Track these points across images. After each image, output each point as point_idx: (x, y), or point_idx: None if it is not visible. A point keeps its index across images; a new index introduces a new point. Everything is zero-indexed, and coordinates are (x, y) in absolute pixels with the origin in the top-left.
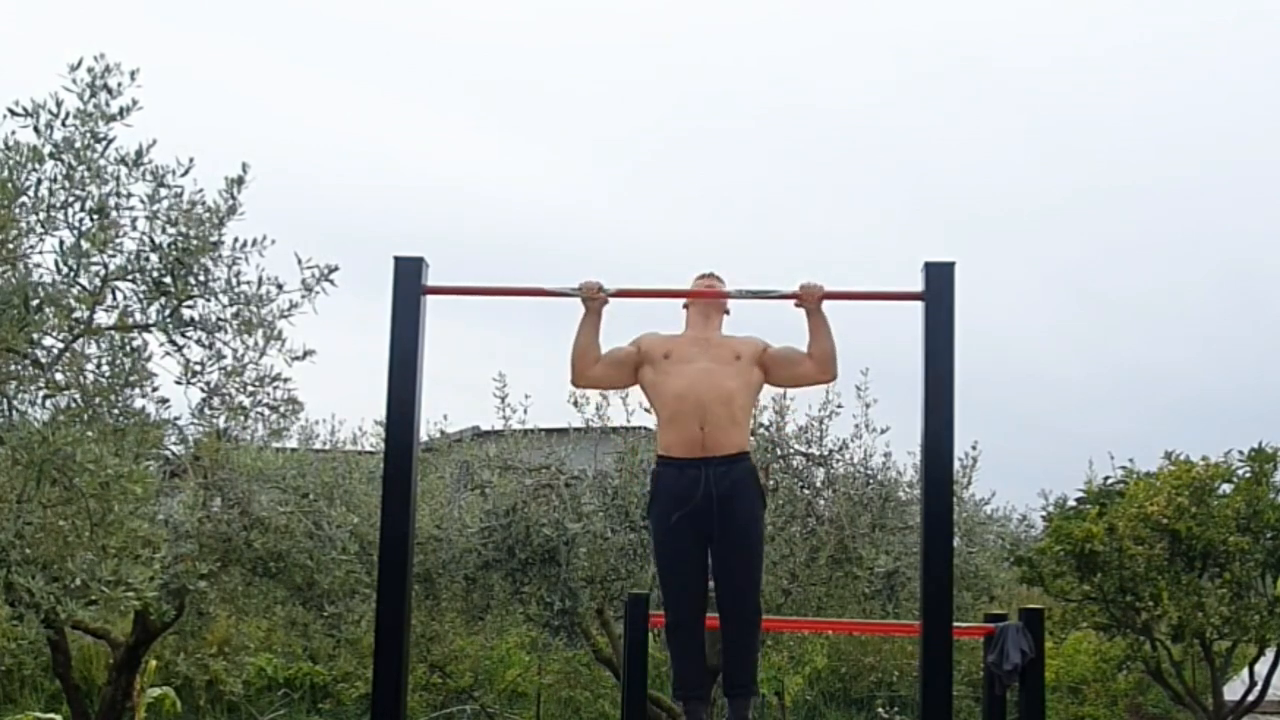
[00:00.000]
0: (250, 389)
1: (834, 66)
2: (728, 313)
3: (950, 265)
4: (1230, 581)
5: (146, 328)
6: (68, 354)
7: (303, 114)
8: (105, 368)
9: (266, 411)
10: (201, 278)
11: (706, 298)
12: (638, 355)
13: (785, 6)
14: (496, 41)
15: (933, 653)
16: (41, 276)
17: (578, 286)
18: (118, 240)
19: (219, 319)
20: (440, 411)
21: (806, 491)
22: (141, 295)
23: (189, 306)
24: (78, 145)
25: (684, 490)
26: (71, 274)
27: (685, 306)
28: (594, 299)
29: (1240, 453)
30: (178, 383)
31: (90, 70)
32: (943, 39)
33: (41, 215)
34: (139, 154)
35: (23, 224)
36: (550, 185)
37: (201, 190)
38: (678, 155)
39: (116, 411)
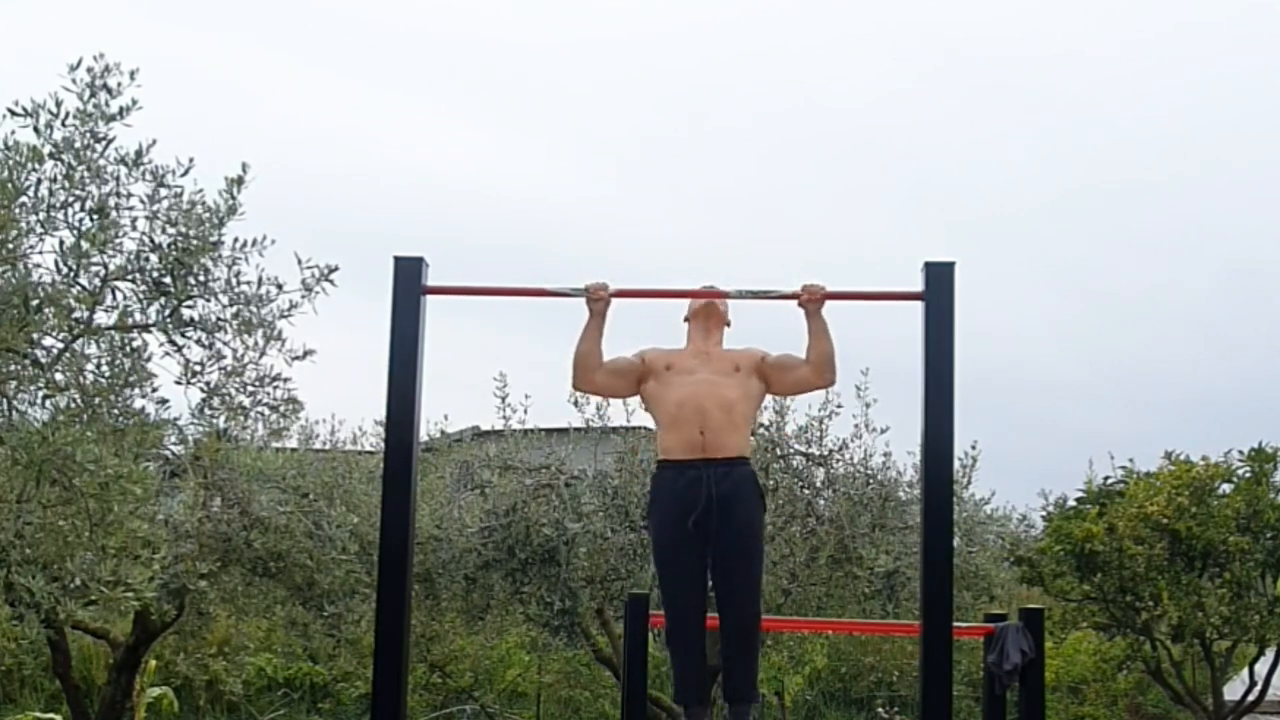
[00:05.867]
0: (250, 389)
1: (833, 65)
2: (728, 324)
3: (950, 265)
4: (1230, 581)
5: (146, 328)
6: (68, 354)
7: (302, 113)
8: (105, 368)
9: (266, 411)
10: (201, 278)
11: (706, 297)
12: (641, 367)
13: (785, 5)
14: (496, 40)
15: (933, 653)
16: (41, 276)
17: (583, 287)
18: (118, 240)
19: (219, 319)
20: (440, 411)
21: (806, 491)
22: (141, 295)
23: (189, 306)
24: (78, 145)
25: (684, 491)
26: (71, 274)
27: (686, 320)
28: (598, 299)
29: (1240, 453)
30: (178, 383)
31: (90, 70)
32: (941, 37)
33: (41, 215)
34: (139, 154)
35: (23, 224)
36: (550, 184)
37: (201, 190)
38: (677, 155)
39: (116, 411)
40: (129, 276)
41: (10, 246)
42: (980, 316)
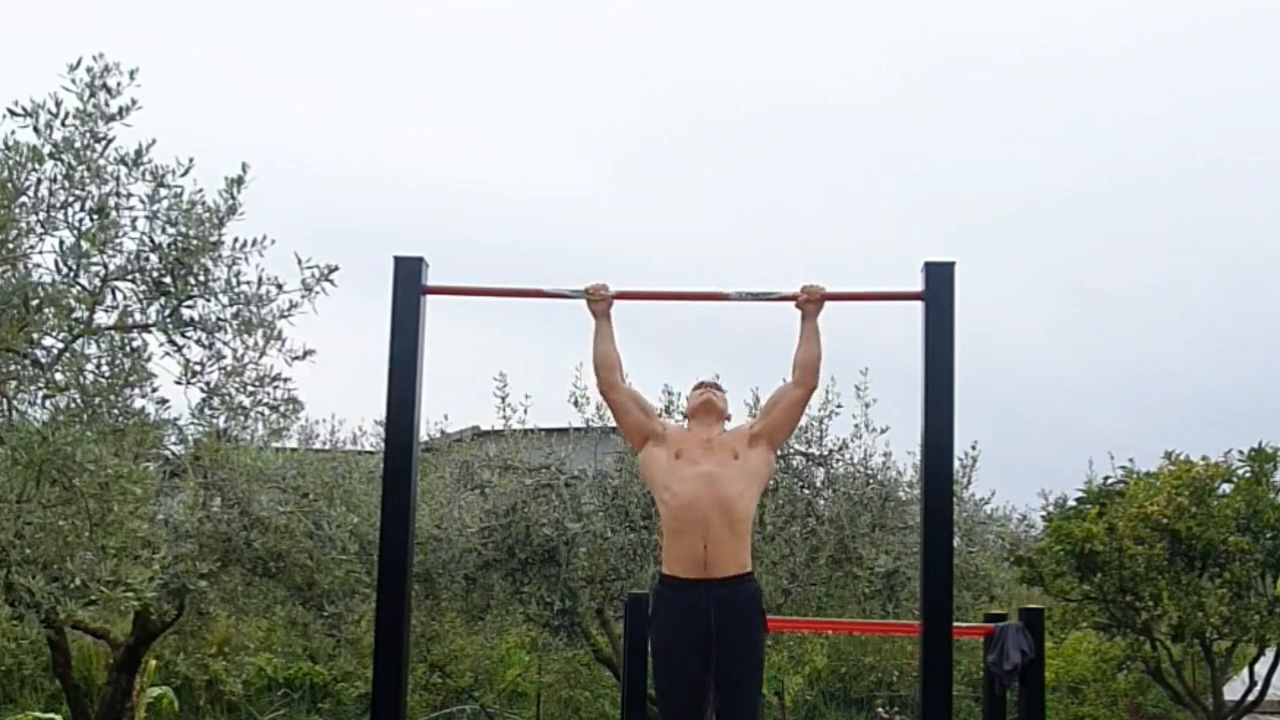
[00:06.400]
0: (250, 389)
1: (833, 65)
2: (728, 419)
3: (950, 265)
4: (1230, 581)
5: (146, 328)
6: (68, 354)
7: (302, 113)
8: (105, 368)
9: (266, 411)
10: (201, 278)
11: (702, 300)
12: (657, 431)
13: (785, 4)
14: (495, 40)
15: (933, 653)
16: (41, 276)
17: (584, 289)
18: (118, 240)
19: (219, 319)
20: (440, 411)
21: (806, 491)
22: (141, 295)
23: (189, 306)
24: (77, 145)
25: (685, 613)
26: (71, 274)
27: (686, 417)
28: (598, 301)
29: (1240, 453)
30: (178, 383)
31: (90, 70)
32: (941, 36)
33: (41, 215)
34: (139, 154)
35: (23, 224)
36: (550, 184)
37: (201, 190)
38: (677, 154)
39: (116, 411)
40: (129, 276)
41: (10, 246)
42: (980, 316)
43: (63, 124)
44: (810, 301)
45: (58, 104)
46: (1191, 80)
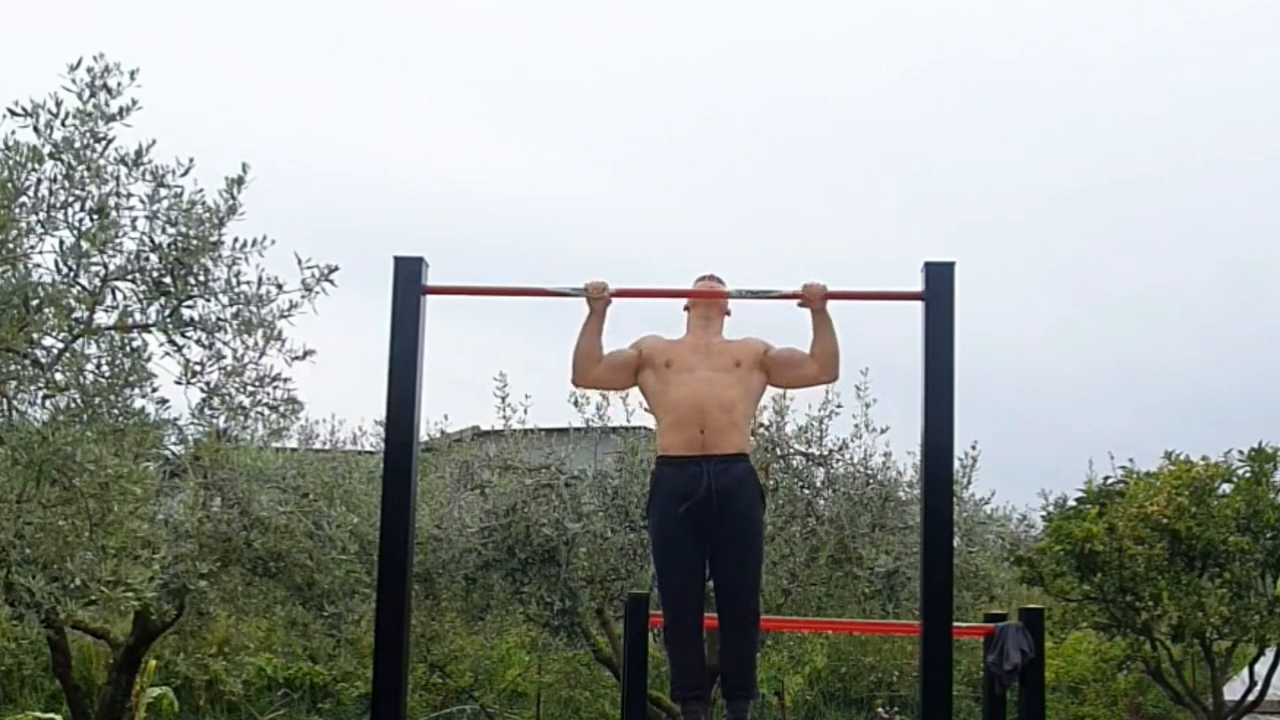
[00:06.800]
0: (250, 389)
1: (833, 64)
2: (728, 314)
3: (950, 265)
4: (1230, 581)
5: (146, 328)
6: (68, 354)
7: (302, 113)
8: (105, 368)
9: (266, 411)
10: (201, 278)
11: (707, 298)
12: (638, 358)
13: (785, 4)
14: (496, 40)
15: (933, 653)
16: (41, 276)
17: (584, 286)
18: (118, 240)
19: (219, 319)
20: (440, 411)
21: (806, 491)
22: (141, 295)
23: (189, 306)
24: (77, 145)
25: (684, 486)
26: (71, 274)
27: (686, 309)
28: (599, 298)
29: (1240, 453)
30: (178, 383)
31: (90, 70)
32: (941, 36)
33: (41, 215)
34: (139, 154)
35: (23, 224)
36: (550, 183)
37: (201, 190)
38: (677, 153)
39: (116, 411)
40: (129, 276)
41: (10, 246)
42: (980, 316)
43: (63, 124)
44: (812, 300)
45: (58, 104)
46: (1191, 80)
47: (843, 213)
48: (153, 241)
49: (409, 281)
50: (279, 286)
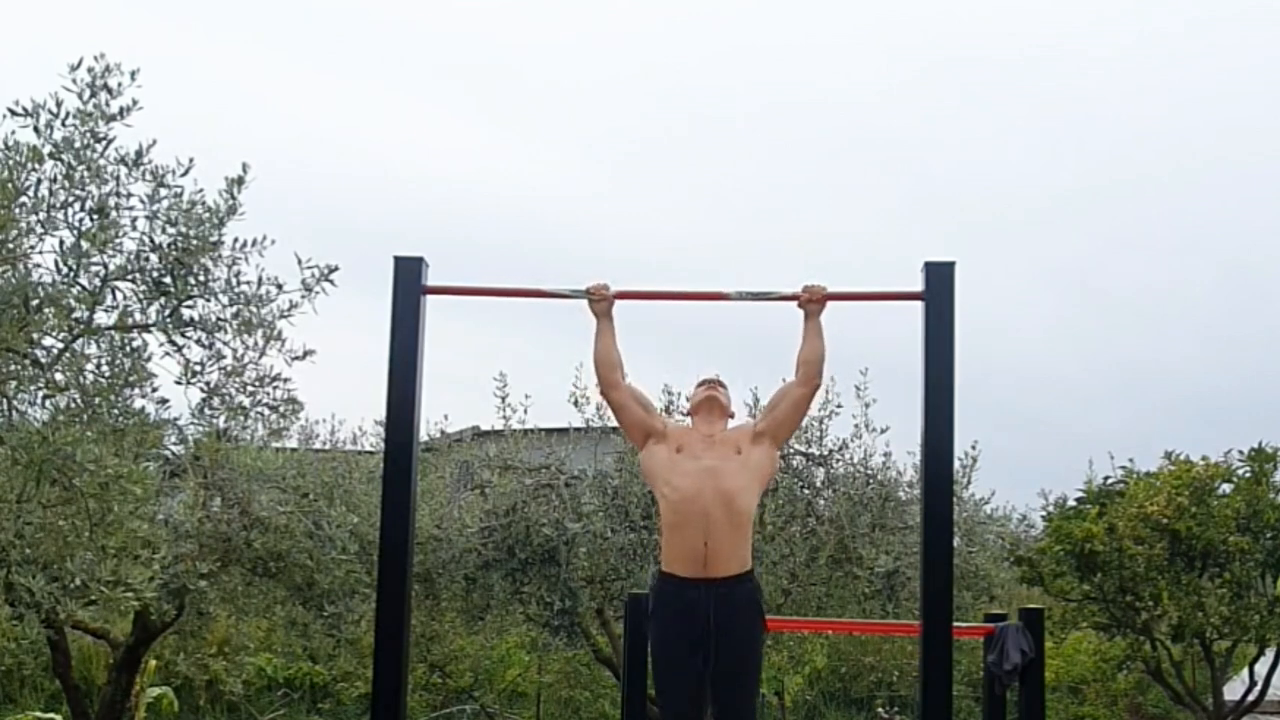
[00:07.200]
0: (250, 389)
1: (833, 64)
2: (731, 415)
3: (950, 265)
4: (1230, 581)
5: (146, 328)
6: (68, 354)
7: (302, 113)
8: (105, 368)
9: (266, 411)
10: (201, 278)
11: (702, 300)
12: (658, 429)
13: (785, 4)
14: (496, 40)
15: (933, 653)
16: (41, 276)
17: (585, 289)
18: (118, 240)
19: (219, 319)
20: (440, 411)
21: (806, 491)
22: (141, 295)
23: (189, 306)
24: (78, 145)
25: (684, 613)
26: (71, 274)
27: (689, 415)
28: (599, 300)
29: (1240, 453)
30: (178, 383)
31: (90, 70)
32: (941, 36)
33: (41, 215)
34: (139, 154)
35: (23, 224)
36: (550, 184)
37: (201, 190)
38: (677, 154)
39: (116, 411)
40: (129, 276)
41: (10, 246)
42: (980, 316)
43: (63, 124)
44: (811, 301)
45: (58, 104)
46: (1191, 80)
47: (843, 213)
48: (153, 241)
49: (409, 281)
50: (279, 286)
